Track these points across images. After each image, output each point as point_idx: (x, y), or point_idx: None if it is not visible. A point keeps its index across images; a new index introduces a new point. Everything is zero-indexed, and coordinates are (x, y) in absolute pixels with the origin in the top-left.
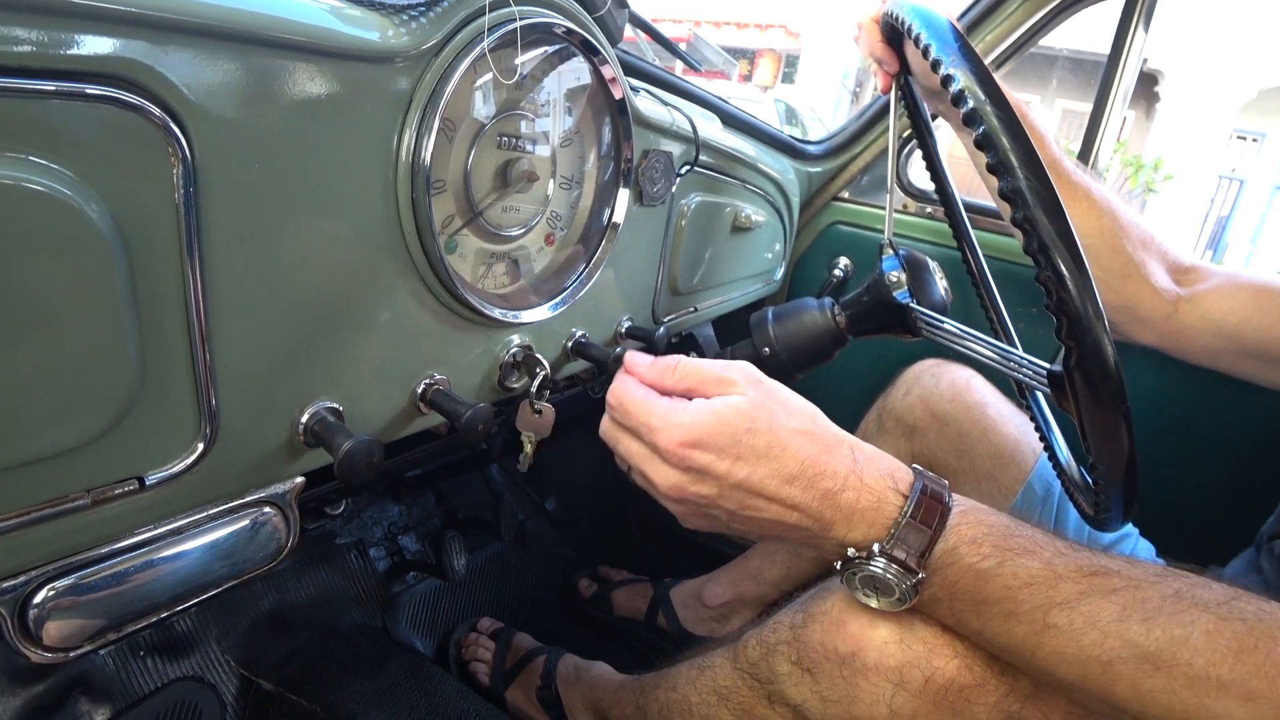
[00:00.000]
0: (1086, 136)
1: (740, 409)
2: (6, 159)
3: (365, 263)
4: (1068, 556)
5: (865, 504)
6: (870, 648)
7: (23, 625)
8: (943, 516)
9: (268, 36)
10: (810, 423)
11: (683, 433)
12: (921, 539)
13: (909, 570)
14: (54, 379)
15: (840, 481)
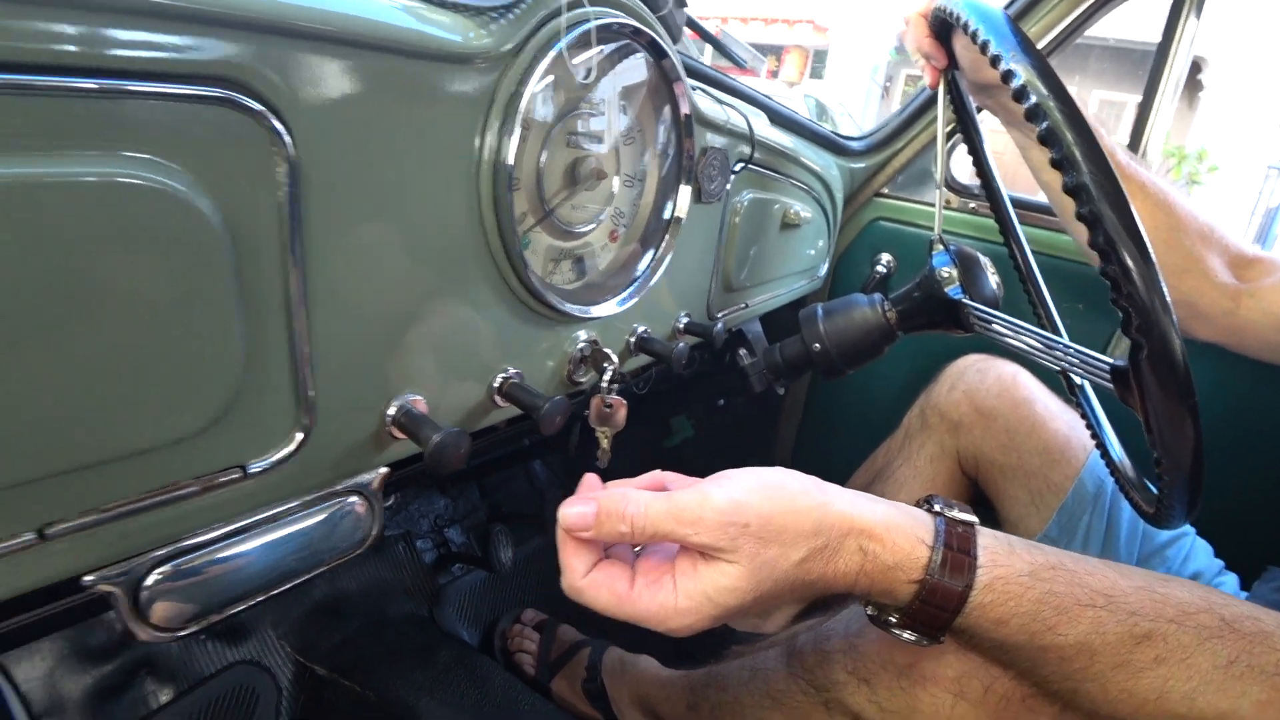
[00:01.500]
0: (1135, 128)
1: (738, 588)
2: (130, 159)
3: (448, 259)
4: (1107, 627)
5: (878, 591)
6: (927, 657)
7: (134, 605)
8: (962, 598)
9: (363, 39)
10: (812, 536)
11: (689, 626)
12: (937, 620)
13: (930, 638)
14: (168, 371)
15: (851, 581)
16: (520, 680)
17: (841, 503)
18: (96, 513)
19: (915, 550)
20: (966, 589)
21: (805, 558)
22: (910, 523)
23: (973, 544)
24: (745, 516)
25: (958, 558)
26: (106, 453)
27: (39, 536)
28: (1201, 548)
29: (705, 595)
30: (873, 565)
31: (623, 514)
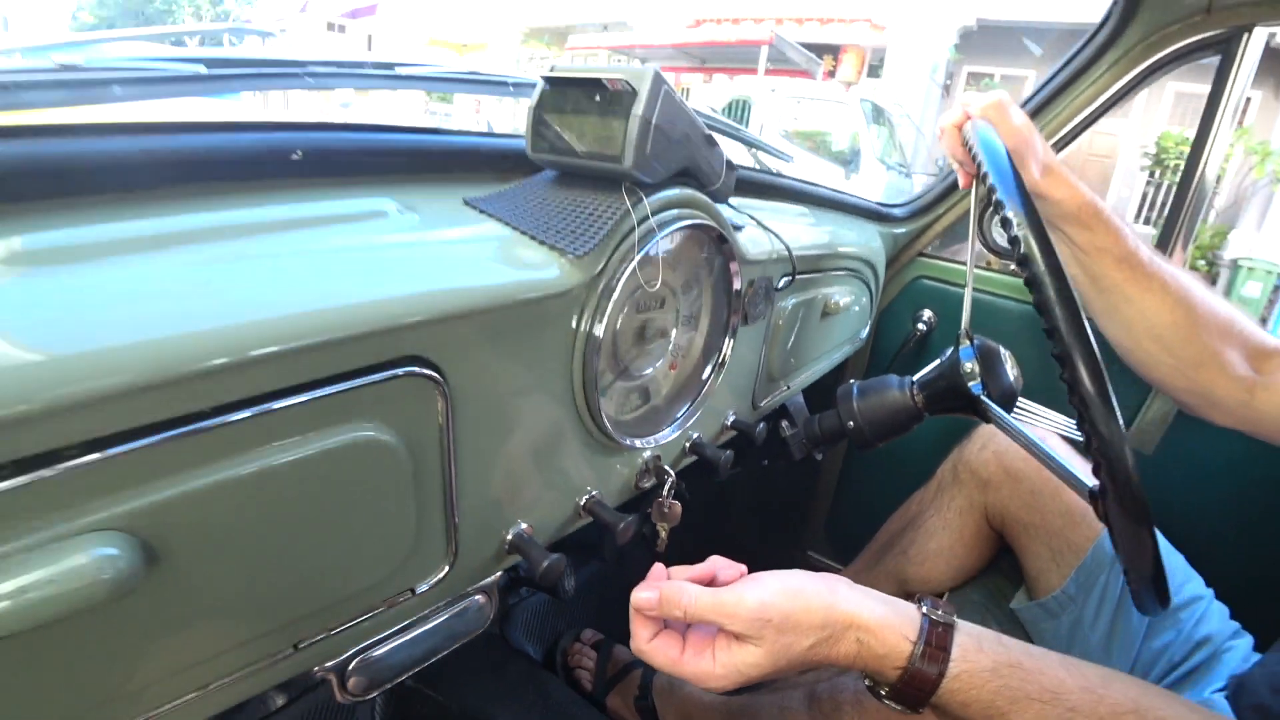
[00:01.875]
0: (1201, 125)
1: (760, 664)
2: (356, 425)
3: (547, 417)
4: (1048, 718)
5: (870, 671)
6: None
7: (341, 682)
8: (935, 684)
9: (491, 305)
10: (819, 630)
11: (720, 686)
12: (916, 699)
13: (910, 708)
14: (375, 541)
15: (849, 663)
16: (579, 694)
17: (847, 603)
18: (328, 632)
19: (901, 645)
20: (939, 677)
21: (814, 644)
22: (900, 621)
23: (949, 641)
24: (769, 614)
25: (935, 652)
26: (338, 595)
27: (294, 649)
28: (1217, 611)
29: (736, 668)
30: (867, 653)
31: (678, 603)
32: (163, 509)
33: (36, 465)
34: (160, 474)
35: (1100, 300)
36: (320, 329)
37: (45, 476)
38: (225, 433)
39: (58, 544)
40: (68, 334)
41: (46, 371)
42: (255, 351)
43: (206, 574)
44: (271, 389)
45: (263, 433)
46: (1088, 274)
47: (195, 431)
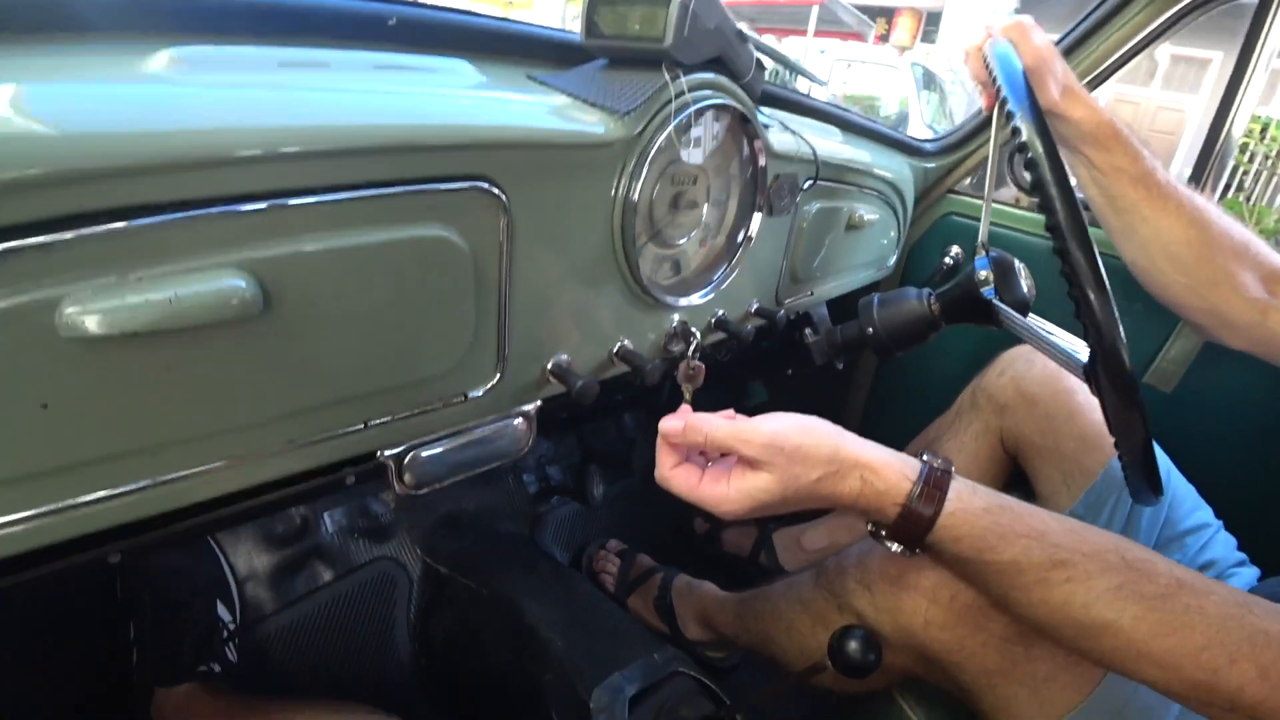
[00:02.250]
0: (1225, 96)
1: (770, 489)
2: (429, 224)
3: (589, 265)
4: (1034, 552)
5: (872, 510)
6: (912, 571)
7: (399, 472)
8: (931, 520)
9: (548, 141)
10: (827, 464)
11: (733, 513)
12: (913, 535)
13: (908, 548)
14: (437, 335)
15: (852, 501)
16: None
17: (853, 445)
18: (392, 415)
19: (901, 483)
20: (935, 515)
21: (820, 478)
22: (902, 464)
23: (946, 484)
24: (782, 443)
25: (932, 492)
26: (403, 380)
27: (364, 426)
28: (1223, 541)
29: (748, 493)
30: (869, 490)
31: (700, 429)
32: (281, 263)
33: (195, 206)
34: (282, 234)
35: (1117, 220)
36: (410, 137)
37: (202, 216)
38: (333, 209)
39: (205, 271)
40: (226, 111)
41: (215, 136)
42: (358, 143)
43: (306, 327)
44: (370, 180)
45: (361, 215)
46: (1105, 195)
47: (312, 204)
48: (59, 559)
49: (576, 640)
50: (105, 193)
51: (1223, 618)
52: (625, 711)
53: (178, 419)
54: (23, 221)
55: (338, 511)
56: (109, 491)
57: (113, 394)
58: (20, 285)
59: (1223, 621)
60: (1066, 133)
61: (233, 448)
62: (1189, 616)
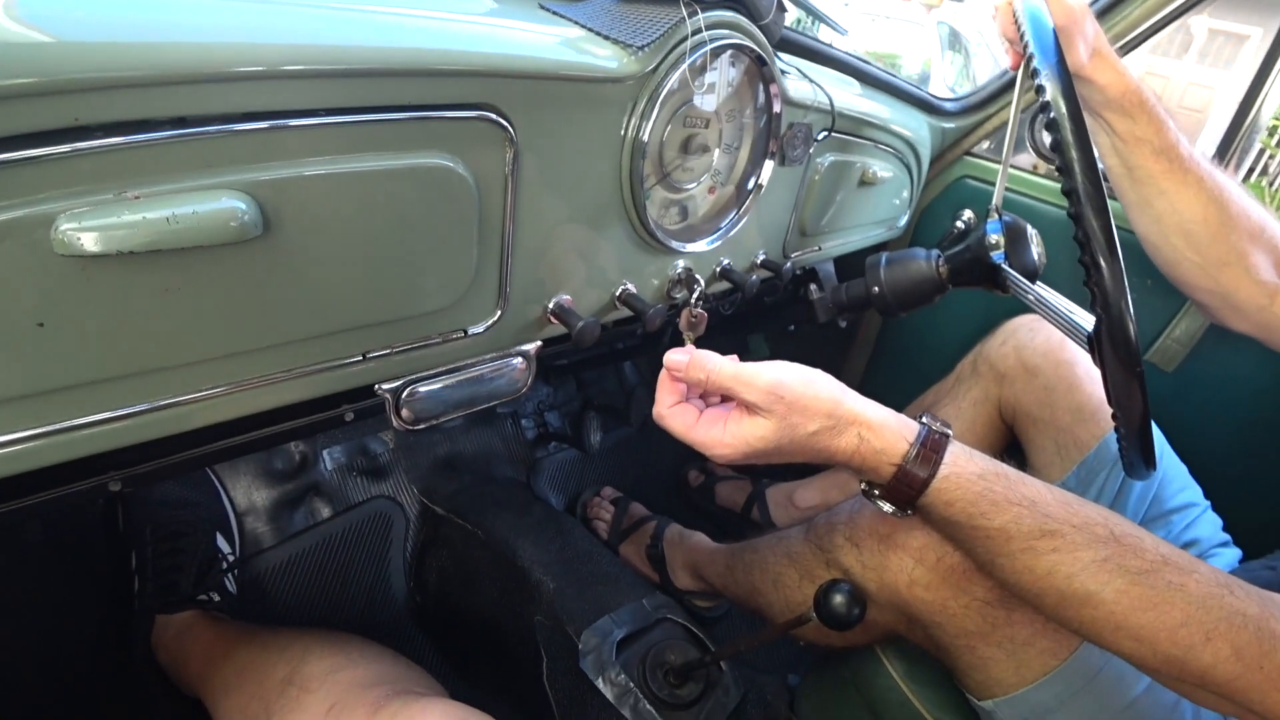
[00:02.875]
0: (1259, 73)
1: (766, 437)
2: (433, 153)
3: (595, 205)
4: (1025, 521)
5: (868, 468)
6: (900, 531)
7: (396, 407)
8: (926, 482)
9: (558, 73)
10: (826, 418)
11: (726, 457)
12: (907, 495)
13: (901, 509)
14: (439, 268)
15: (847, 457)
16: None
17: (853, 401)
18: (391, 348)
19: (898, 443)
20: (929, 477)
21: (818, 430)
22: (900, 424)
23: (942, 447)
24: (783, 391)
25: (928, 454)
26: (403, 313)
27: (363, 358)
28: (1210, 520)
29: (744, 438)
30: (866, 448)
31: (704, 366)
32: (281, 186)
33: (194, 124)
34: (282, 156)
35: (1134, 192)
36: (417, 61)
37: (201, 134)
38: (336, 132)
39: (203, 191)
40: (230, 26)
41: (218, 51)
42: (363, 65)
43: (306, 253)
44: (373, 104)
45: (364, 139)
46: (1125, 164)
47: (314, 126)
48: (61, 485)
49: (568, 583)
50: (103, 106)
51: (1203, 596)
52: (613, 653)
53: (175, 343)
54: (17, 133)
55: (337, 449)
56: (107, 414)
57: (109, 315)
58: (14, 199)
59: (1202, 600)
60: (1091, 97)
61: (231, 374)
62: (1170, 593)
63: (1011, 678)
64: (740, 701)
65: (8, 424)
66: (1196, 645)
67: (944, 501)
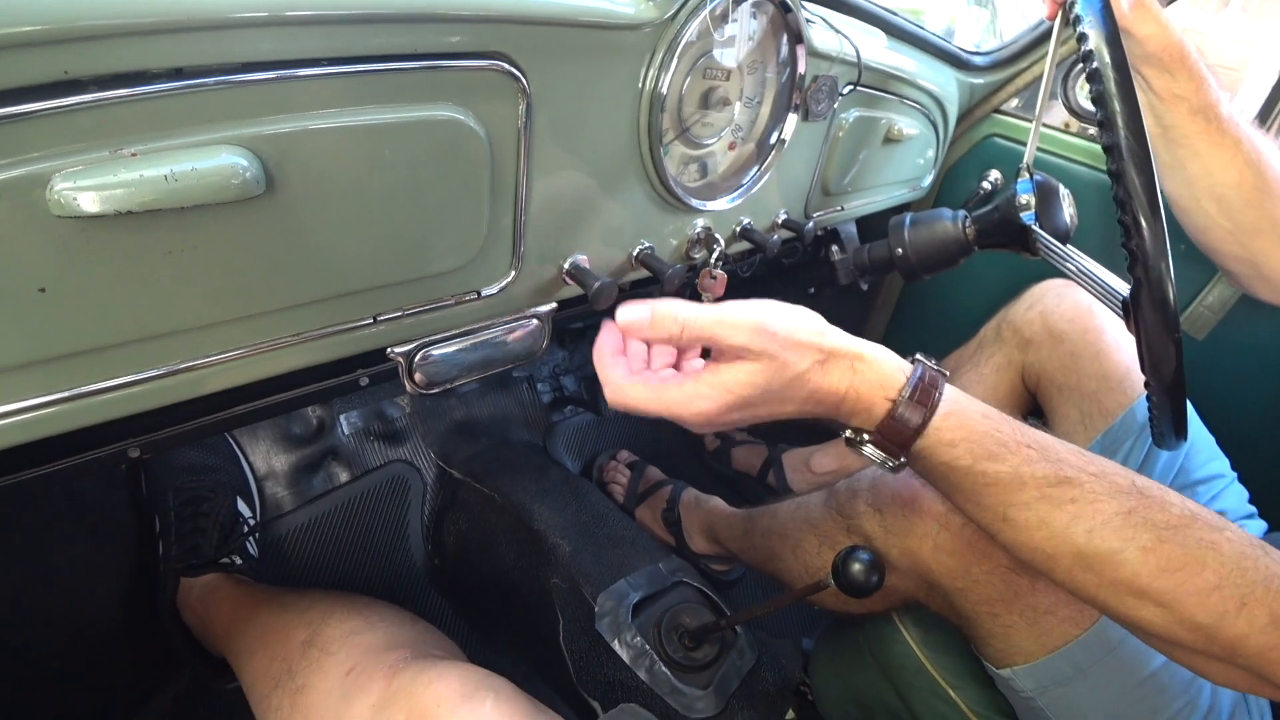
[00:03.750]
0: None
1: (755, 382)
2: (442, 105)
3: (612, 160)
4: (1037, 465)
5: (860, 409)
6: (925, 497)
7: (409, 370)
8: (925, 419)
9: (572, 19)
10: (816, 351)
11: (707, 416)
12: (903, 435)
13: (891, 457)
14: (451, 228)
15: (840, 395)
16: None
17: (842, 337)
18: (402, 311)
19: (895, 377)
20: (930, 412)
21: (808, 368)
22: (894, 360)
23: (940, 383)
24: (773, 327)
25: (926, 389)
26: (413, 274)
27: (373, 320)
28: (1236, 492)
29: (725, 386)
30: (860, 381)
31: (675, 316)
32: (283, 140)
33: (192, 75)
34: (284, 109)
35: (1168, 153)
36: (423, 6)
37: (199, 86)
38: (340, 83)
39: (203, 147)
40: None
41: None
42: (367, 10)
43: (312, 211)
44: (378, 52)
45: (370, 91)
46: (1160, 123)
47: (316, 76)
48: (82, 453)
49: (584, 546)
50: (94, 57)
51: (1237, 556)
52: (629, 616)
53: (182, 307)
54: (3, 88)
55: (354, 414)
56: (118, 380)
57: (112, 278)
58: (4, 159)
59: (1237, 560)
60: (1130, 50)
61: (240, 339)
62: (1202, 552)
63: (1032, 646)
64: (754, 664)
65: (17, 391)
66: (1230, 612)
67: (946, 442)
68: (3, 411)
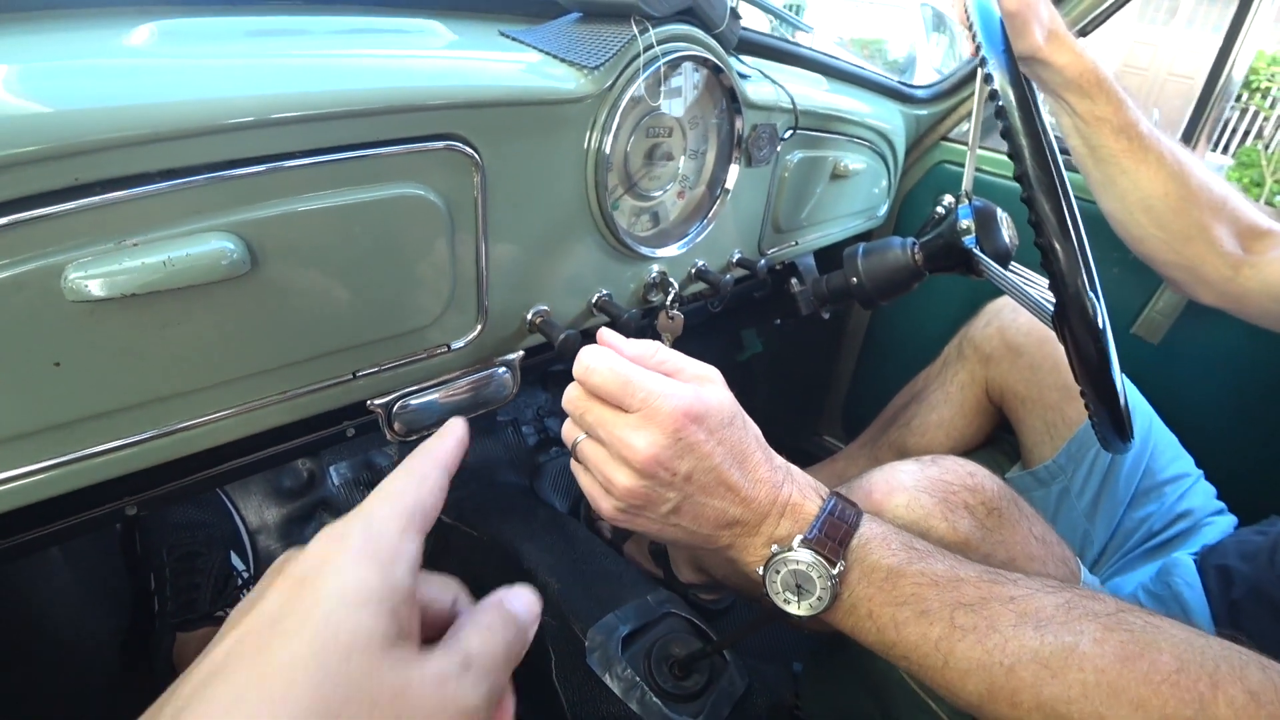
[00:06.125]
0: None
1: (726, 404)
2: (404, 183)
3: (566, 218)
4: (968, 565)
5: (796, 500)
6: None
7: (389, 420)
8: (856, 519)
9: (517, 99)
10: (758, 438)
11: (687, 404)
12: (839, 531)
13: (829, 561)
14: (417, 290)
15: (779, 479)
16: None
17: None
18: (379, 366)
19: (820, 486)
20: (859, 513)
21: (757, 437)
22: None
23: (854, 504)
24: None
25: (847, 501)
26: (387, 332)
27: (353, 376)
28: (1203, 489)
29: (702, 394)
30: (795, 475)
31: (650, 347)
32: (265, 224)
33: (183, 174)
34: (265, 197)
35: (1098, 172)
36: (384, 100)
37: (190, 183)
38: (313, 172)
39: (195, 234)
40: (208, 82)
41: (199, 108)
42: (335, 108)
43: (292, 283)
44: (346, 142)
45: (339, 176)
46: (1087, 144)
47: (292, 168)
48: (80, 512)
49: (573, 583)
50: (99, 165)
51: (1186, 635)
52: (619, 649)
53: (176, 373)
54: (24, 195)
55: (343, 464)
56: (119, 442)
57: (117, 351)
58: (26, 254)
59: (1188, 638)
60: (1050, 79)
61: (230, 399)
62: (1151, 634)
63: None
64: (746, 690)
65: (31, 456)
66: (1206, 695)
67: (879, 537)
68: (19, 474)
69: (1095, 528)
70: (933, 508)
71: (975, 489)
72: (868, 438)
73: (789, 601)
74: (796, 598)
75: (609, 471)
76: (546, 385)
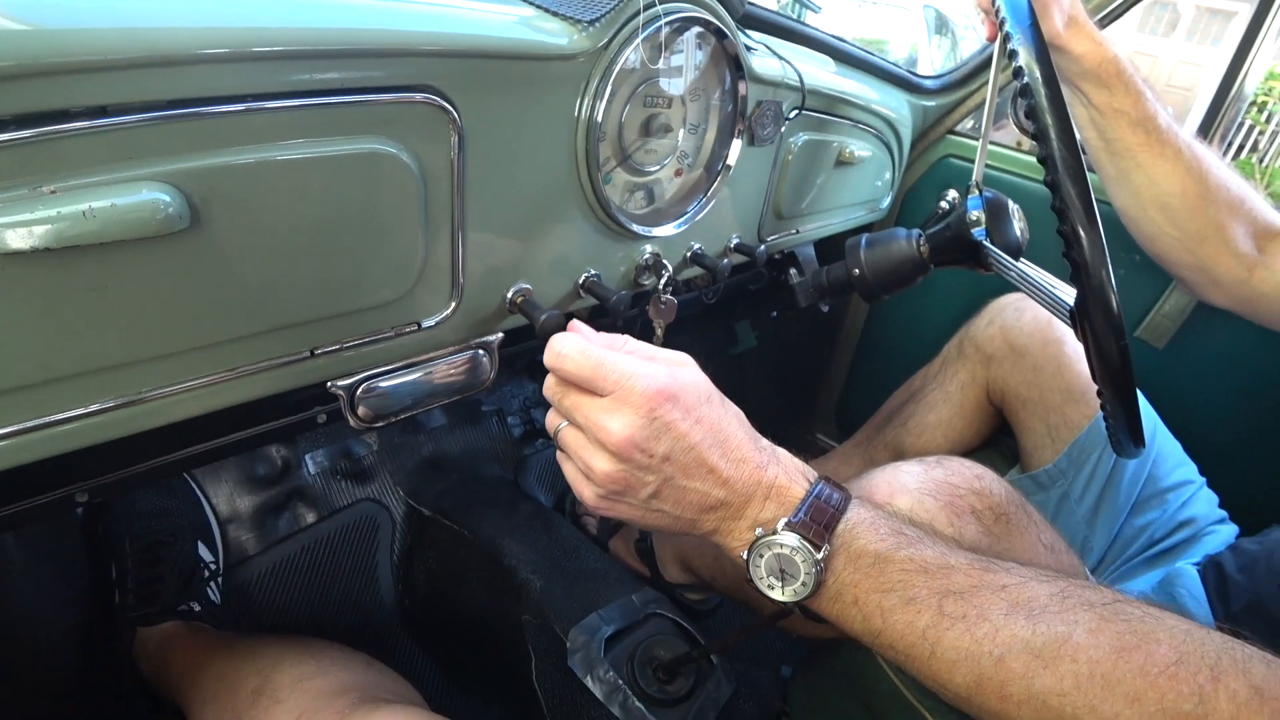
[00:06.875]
0: (1241, 46)
1: (701, 384)
2: (374, 138)
3: (553, 190)
4: (959, 553)
5: (781, 482)
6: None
7: (351, 404)
8: (843, 503)
9: (503, 51)
10: (740, 418)
11: (661, 383)
12: (825, 515)
13: (814, 545)
14: (386, 260)
15: (764, 460)
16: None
17: None
18: (341, 344)
19: (807, 469)
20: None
21: (737, 415)
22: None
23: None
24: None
25: (835, 484)
26: (349, 307)
27: (310, 354)
28: (1206, 497)
29: (676, 374)
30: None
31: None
32: (208, 175)
33: (113, 113)
34: (208, 145)
35: (1112, 165)
36: (350, 40)
37: (120, 124)
38: (266, 119)
39: (123, 184)
40: (147, 9)
41: (135, 35)
42: (293, 47)
43: (240, 246)
44: (305, 88)
45: (295, 126)
46: (1103, 137)
47: (241, 113)
48: (26, 499)
49: (556, 581)
50: (12, 96)
51: (1185, 627)
52: (601, 651)
53: (108, 343)
54: None
55: (319, 453)
56: (47, 419)
57: (35, 315)
58: None
59: (1186, 629)
60: (1067, 68)
61: (172, 375)
62: (1148, 624)
63: None
64: (732, 695)
65: None
66: (1206, 688)
67: (867, 522)
68: None
69: (1095, 534)
70: (938, 512)
71: (982, 493)
72: (863, 436)
73: (773, 587)
74: (780, 583)
75: (587, 457)
76: (534, 374)
